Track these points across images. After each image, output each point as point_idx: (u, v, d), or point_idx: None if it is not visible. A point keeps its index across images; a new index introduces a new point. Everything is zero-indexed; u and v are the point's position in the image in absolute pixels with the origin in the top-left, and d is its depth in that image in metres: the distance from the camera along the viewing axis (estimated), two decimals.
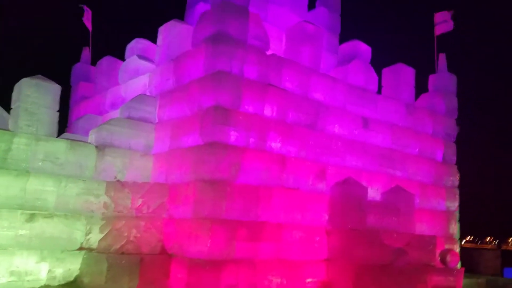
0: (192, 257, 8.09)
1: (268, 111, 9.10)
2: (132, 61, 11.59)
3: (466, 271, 18.55)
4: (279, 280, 8.63)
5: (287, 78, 9.55)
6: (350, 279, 8.90)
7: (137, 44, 11.84)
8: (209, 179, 8.14)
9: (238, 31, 8.73)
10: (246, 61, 8.79)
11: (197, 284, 7.78)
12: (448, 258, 9.50)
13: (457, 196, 12.99)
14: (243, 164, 8.48)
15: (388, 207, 10.29)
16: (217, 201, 8.03)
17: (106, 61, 13.20)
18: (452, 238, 12.60)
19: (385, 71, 12.59)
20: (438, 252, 10.00)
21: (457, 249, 12.54)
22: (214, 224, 7.91)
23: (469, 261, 21.62)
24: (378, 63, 12.87)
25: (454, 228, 12.74)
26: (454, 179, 12.94)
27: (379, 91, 12.34)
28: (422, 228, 11.60)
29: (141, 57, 11.43)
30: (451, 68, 13.75)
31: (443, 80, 13.34)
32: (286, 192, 9.12)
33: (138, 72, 11.29)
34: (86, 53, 15.45)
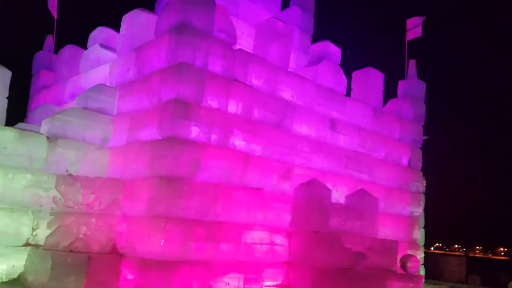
0: (143, 257, 7.67)
1: (232, 107, 8.79)
2: (94, 50, 11.06)
3: (431, 278, 18.78)
4: (236, 283, 8.30)
5: (254, 74, 9.27)
6: (309, 283, 8.68)
7: (100, 33, 11.31)
8: (166, 175, 7.75)
9: (203, 22, 8.39)
10: (211, 54, 8.46)
11: (148, 286, 7.37)
12: (409, 264, 9.42)
13: (422, 202, 13.03)
14: (203, 161, 8.13)
15: (352, 210, 10.16)
16: (173, 199, 7.65)
17: (68, 50, 12.58)
18: (415, 244, 12.61)
19: (355, 74, 12.52)
20: (399, 257, 9.92)
21: (420, 255, 12.55)
22: (169, 223, 7.52)
23: (435, 267, 21.89)
24: (350, 66, 12.81)
25: (418, 234, 12.77)
26: (419, 184, 12.98)
27: (348, 94, 12.25)
28: (385, 232, 11.53)
29: (103, 46, 10.92)
30: (420, 74, 13.84)
31: (412, 86, 13.39)
32: (249, 192, 8.82)
33: (100, 62, 10.77)
34: (50, 41, 14.74)
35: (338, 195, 10.71)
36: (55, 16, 14.91)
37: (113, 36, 11.24)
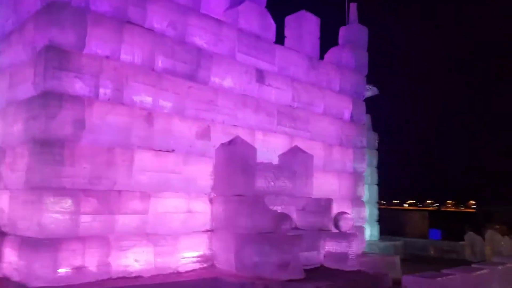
0: (24, 235, 6.49)
1: (127, 56, 7.44)
2: None
3: (393, 234, 18.50)
4: (144, 258, 7.27)
5: (154, 16, 7.89)
6: (232, 251, 7.75)
7: None
8: (41, 139, 6.45)
9: None
10: None
11: (29, 269, 6.22)
12: (340, 222, 8.62)
13: (366, 157, 12.24)
14: (90, 120, 6.85)
15: (282, 170, 9.20)
16: (52, 166, 6.39)
17: None
18: (359, 201, 11.90)
19: (288, 19, 11.26)
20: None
21: (364, 212, 11.88)
22: (48, 195, 6.31)
23: (397, 223, 21.72)
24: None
25: (362, 191, 12.04)
26: (362, 139, 12.13)
27: (282, 43, 11.06)
28: (327, 190, 10.72)
29: None
30: (364, 20, 12.74)
31: (353, 32, 12.28)
32: (155, 155, 7.65)
33: None
34: None
35: (271, 155, 9.70)
36: None
37: None
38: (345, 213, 8.78)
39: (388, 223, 20.87)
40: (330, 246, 8.56)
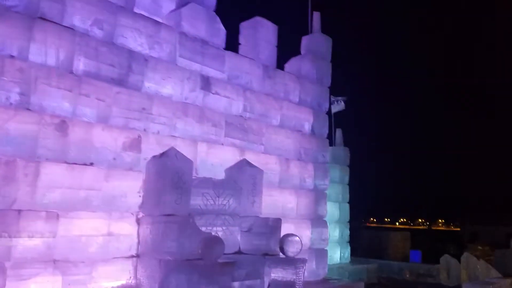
0: None
1: (37, 56, 6.56)
2: None
3: (373, 257, 17.46)
4: None
5: (76, 13, 7.05)
6: (157, 280, 6.75)
7: None
8: None
9: None
10: None
11: None
12: (286, 245, 7.68)
13: (328, 173, 11.37)
14: None
15: (225, 186, 8.28)
16: None
17: None
18: (321, 221, 10.98)
19: (243, 26, 10.52)
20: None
21: (326, 233, 10.94)
22: None
23: (377, 244, 20.64)
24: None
25: (324, 210, 11.13)
26: (325, 154, 11.29)
27: (237, 50, 10.29)
28: (283, 209, 9.84)
29: None
30: (327, 29, 12.09)
31: (315, 42, 11.58)
32: (69, 169, 6.70)
33: None
34: None
35: (217, 169, 8.80)
36: None
37: None
38: (291, 235, 7.85)
39: (369, 244, 19.85)
40: (275, 273, 7.61)
